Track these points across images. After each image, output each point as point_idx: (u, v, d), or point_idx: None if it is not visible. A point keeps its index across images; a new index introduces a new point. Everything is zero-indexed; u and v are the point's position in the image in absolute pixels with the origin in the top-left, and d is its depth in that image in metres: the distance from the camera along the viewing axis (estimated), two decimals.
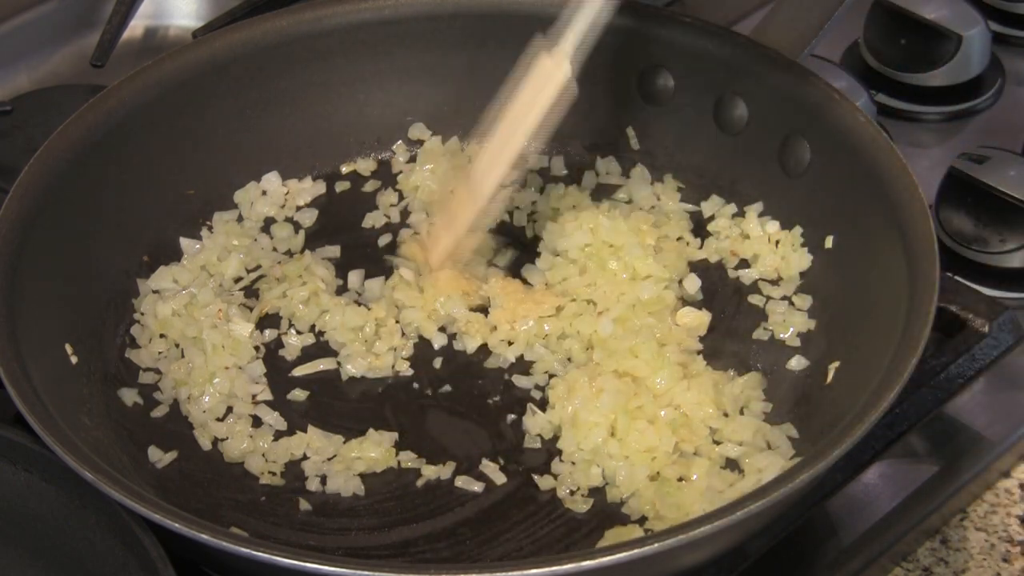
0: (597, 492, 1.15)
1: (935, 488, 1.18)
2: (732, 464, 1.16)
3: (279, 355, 1.26)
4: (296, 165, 1.40)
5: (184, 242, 1.33)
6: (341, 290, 1.31)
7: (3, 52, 1.58)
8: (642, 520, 1.12)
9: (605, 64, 1.36)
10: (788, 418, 1.18)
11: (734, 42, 1.33)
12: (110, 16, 1.57)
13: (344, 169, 1.42)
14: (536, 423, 1.19)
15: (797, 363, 1.23)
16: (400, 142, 1.43)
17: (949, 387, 1.19)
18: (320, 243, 1.35)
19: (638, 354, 1.20)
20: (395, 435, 1.19)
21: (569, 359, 1.24)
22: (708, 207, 1.36)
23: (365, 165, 1.42)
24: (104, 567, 1.03)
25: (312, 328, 1.28)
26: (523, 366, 1.24)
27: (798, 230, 1.30)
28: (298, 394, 1.23)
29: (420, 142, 1.42)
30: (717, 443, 1.17)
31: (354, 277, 1.31)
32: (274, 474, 1.17)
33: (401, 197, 1.39)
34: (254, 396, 1.23)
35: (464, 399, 1.23)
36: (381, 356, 1.25)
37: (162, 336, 1.26)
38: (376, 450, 1.17)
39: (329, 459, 1.18)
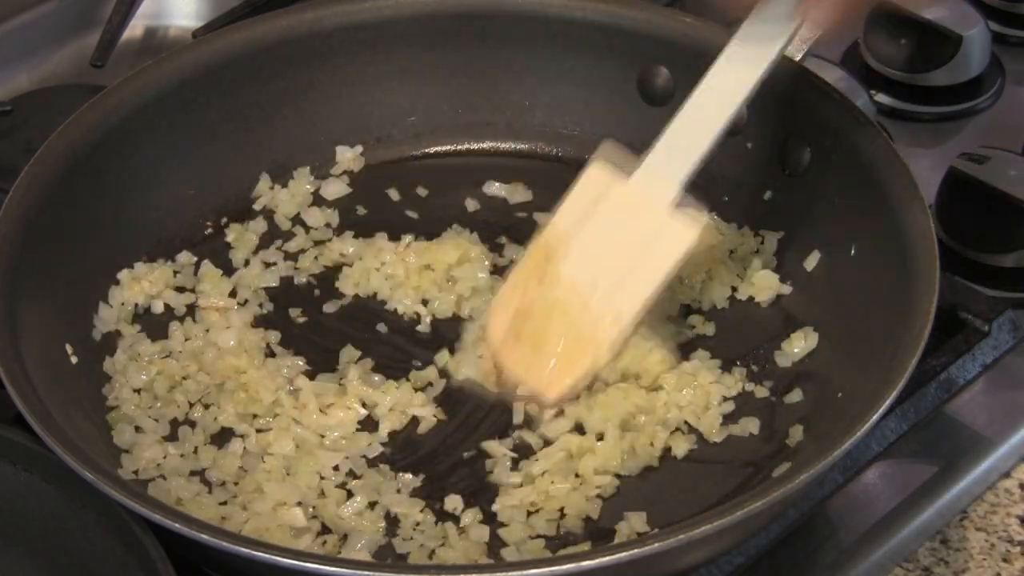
0: None
1: (935, 488, 1.18)
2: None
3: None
4: (296, 165, 1.40)
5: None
6: None
7: (3, 52, 1.58)
8: None
9: (604, 64, 1.36)
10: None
11: None
12: (110, 16, 1.57)
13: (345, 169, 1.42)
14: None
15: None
16: None
17: (949, 387, 1.19)
18: None
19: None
20: None
21: None
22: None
23: None
24: (104, 567, 1.03)
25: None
26: None
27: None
28: None
29: None
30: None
31: None
32: None
33: None
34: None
35: None
36: None
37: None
38: None
39: None
